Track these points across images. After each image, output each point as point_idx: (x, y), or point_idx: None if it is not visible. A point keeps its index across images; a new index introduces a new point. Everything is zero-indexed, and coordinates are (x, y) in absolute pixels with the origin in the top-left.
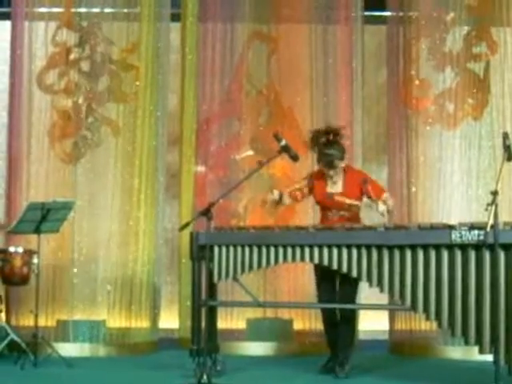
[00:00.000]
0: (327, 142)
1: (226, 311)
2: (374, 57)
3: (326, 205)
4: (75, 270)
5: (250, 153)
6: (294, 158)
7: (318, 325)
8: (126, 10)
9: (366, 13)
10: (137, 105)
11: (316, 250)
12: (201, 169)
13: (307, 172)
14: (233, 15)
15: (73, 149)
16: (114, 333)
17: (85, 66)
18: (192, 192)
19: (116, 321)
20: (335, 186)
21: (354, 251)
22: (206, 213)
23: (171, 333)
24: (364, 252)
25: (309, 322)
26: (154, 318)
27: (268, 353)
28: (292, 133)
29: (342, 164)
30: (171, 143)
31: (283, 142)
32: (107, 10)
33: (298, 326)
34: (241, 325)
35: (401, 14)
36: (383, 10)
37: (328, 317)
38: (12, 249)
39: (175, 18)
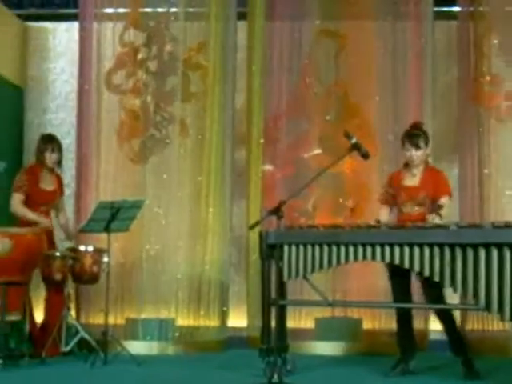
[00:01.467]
0: (414, 127)
1: (294, 310)
2: (444, 53)
3: (402, 198)
4: (144, 269)
5: (318, 151)
6: (365, 155)
7: (387, 324)
8: (192, 10)
9: (436, 8)
10: (204, 104)
11: (387, 249)
12: (268, 167)
13: (375, 169)
14: (300, 13)
15: (141, 148)
16: (182, 331)
17: (152, 65)
18: (260, 191)
19: (185, 319)
20: (413, 179)
21: (427, 250)
22: (276, 211)
23: (239, 331)
24: (436, 251)
25: (378, 321)
26: (223, 317)
27: (337, 352)
28: (361, 130)
29: (427, 151)
30: (239, 142)
31: (354, 140)
32: (174, 10)
33: (367, 325)
34: (309, 324)
35: (471, 9)
36: (453, 5)
37: (401, 316)
38: (82, 248)
39: (242, 16)
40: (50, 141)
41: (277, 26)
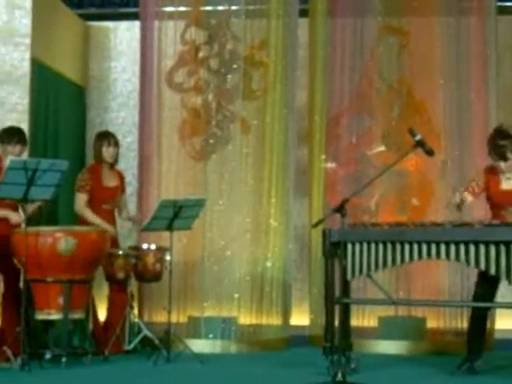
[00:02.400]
0: (499, 135)
1: (357, 309)
2: (508, 48)
3: (500, 202)
4: (206, 267)
5: (382, 148)
6: (429, 152)
7: (452, 323)
8: (253, 7)
9: (499, 3)
10: (266, 101)
11: (452, 247)
12: (331, 165)
13: (439, 167)
14: (362, 9)
15: (203, 146)
16: (245, 330)
17: (214, 63)
18: (322, 188)
19: (247, 317)
20: (509, 182)
21: (492, 248)
22: (340, 209)
23: (301, 330)
24: (503, 249)
25: (443, 320)
26: (285, 315)
27: (400, 351)
28: (424, 127)
29: None
30: (301, 139)
31: (418, 137)
32: (235, 8)
33: (431, 324)
34: (373, 323)
35: None
36: None
37: (477, 317)
38: (145, 246)
39: (303, 13)
40: (105, 136)
41: (339, 23)
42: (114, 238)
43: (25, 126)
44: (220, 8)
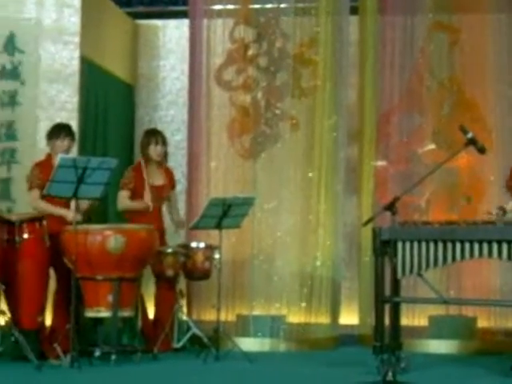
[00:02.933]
0: None
1: (407, 308)
2: None
3: None
4: (255, 265)
5: (432, 146)
6: (481, 150)
7: (503, 323)
8: (302, 5)
9: None
10: (315, 99)
11: (505, 246)
12: (381, 163)
13: (491, 165)
14: (413, 6)
15: (252, 144)
16: (293, 328)
17: (263, 61)
18: (372, 187)
19: (296, 316)
20: None
21: None
22: (391, 207)
23: (350, 329)
24: None
25: (494, 319)
26: (334, 314)
27: (451, 351)
28: (476, 125)
29: None
30: (351, 137)
31: (470, 135)
32: (284, 5)
33: (482, 323)
34: (423, 322)
35: None
36: None
37: None
38: (194, 244)
39: (353, 11)
40: (152, 134)
41: (389, 21)
42: (162, 235)
43: (74, 125)
44: (269, 6)
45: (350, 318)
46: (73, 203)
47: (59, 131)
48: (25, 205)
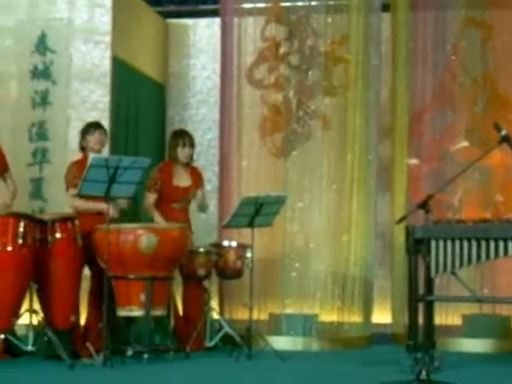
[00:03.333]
0: None
1: (440, 306)
2: None
3: None
4: (287, 264)
5: (465, 144)
6: None
7: None
8: (333, 2)
9: None
10: (347, 97)
11: None
12: (414, 161)
13: None
14: (445, 2)
15: (283, 143)
16: (326, 327)
17: (294, 59)
18: (405, 185)
19: (328, 315)
20: None
21: None
22: (424, 205)
23: (383, 328)
24: None
25: None
26: (367, 313)
27: (484, 350)
28: (510, 122)
29: None
30: (383, 135)
31: (504, 132)
32: (315, 3)
33: None
34: (456, 321)
35: None
36: None
37: None
38: (226, 243)
39: (385, 8)
40: (180, 135)
41: (421, 17)
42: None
43: (106, 124)
44: (300, 3)
45: (382, 316)
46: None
47: (88, 127)
48: (57, 204)
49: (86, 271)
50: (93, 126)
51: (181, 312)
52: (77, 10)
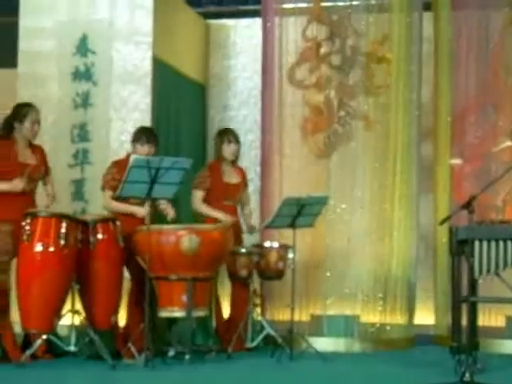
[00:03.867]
0: None
1: (483, 308)
2: None
3: None
4: (329, 265)
5: (509, 143)
6: None
7: None
8: (375, 2)
9: None
10: (389, 97)
11: None
12: (457, 161)
13: None
14: (487, 2)
15: (325, 143)
16: (368, 328)
17: (335, 59)
18: (448, 185)
19: (370, 316)
20: None
21: None
22: (467, 206)
23: (426, 329)
24: None
25: None
26: (410, 314)
27: None
28: None
29: None
30: (425, 136)
31: None
32: (356, 2)
33: None
34: (500, 322)
35: None
36: None
37: None
38: (268, 244)
39: (427, 6)
40: (225, 133)
41: (463, 15)
42: (238, 235)
43: (147, 125)
44: (341, 3)
45: (425, 317)
46: (146, 205)
47: (141, 135)
48: (98, 205)
49: (126, 272)
50: (144, 137)
51: (226, 312)
52: (118, 11)
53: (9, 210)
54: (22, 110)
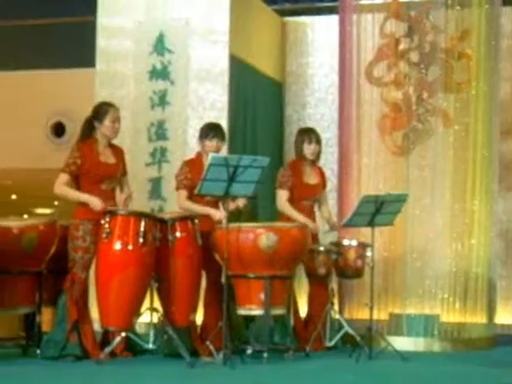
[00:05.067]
0: None
1: None
2: None
3: None
4: (408, 263)
5: None
6: None
7: None
8: None
9: None
10: (469, 94)
11: None
12: None
13: None
14: None
15: (403, 141)
16: (448, 328)
17: (414, 56)
18: None
19: (450, 315)
20: None
21: None
22: None
23: (507, 329)
24: None
25: None
26: (490, 314)
27: None
28: None
29: None
30: (504, 132)
31: None
32: None
33: None
34: None
35: None
36: None
37: None
38: (346, 242)
39: (506, 1)
40: (306, 133)
41: None
42: (315, 234)
43: (224, 123)
44: None
45: (506, 317)
46: (222, 208)
47: (208, 131)
48: (175, 204)
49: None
50: (212, 132)
51: (303, 311)
52: (195, 10)
53: (90, 209)
54: (102, 109)
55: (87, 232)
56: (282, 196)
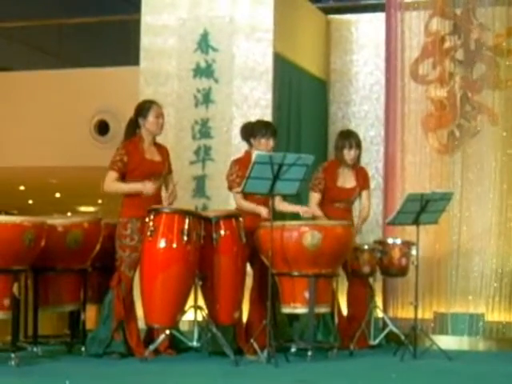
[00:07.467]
0: None
1: None
2: None
3: None
4: (453, 262)
5: None
6: None
7: None
8: None
9: None
10: None
11: None
12: None
13: None
14: None
15: (448, 139)
16: (493, 327)
17: (459, 54)
18: None
19: (495, 314)
20: None
21: None
22: None
23: None
24: None
25: None
26: None
27: None
28: None
29: None
30: None
31: None
32: None
33: None
34: None
35: None
36: None
37: None
38: (390, 240)
39: None
40: (346, 137)
41: None
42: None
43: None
44: None
45: None
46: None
47: (266, 129)
48: (219, 201)
49: (247, 268)
50: (269, 130)
51: (344, 309)
52: (239, 8)
53: (138, 207)
54: (145, 106)
55: (135, 230)
56: (313, 198)
